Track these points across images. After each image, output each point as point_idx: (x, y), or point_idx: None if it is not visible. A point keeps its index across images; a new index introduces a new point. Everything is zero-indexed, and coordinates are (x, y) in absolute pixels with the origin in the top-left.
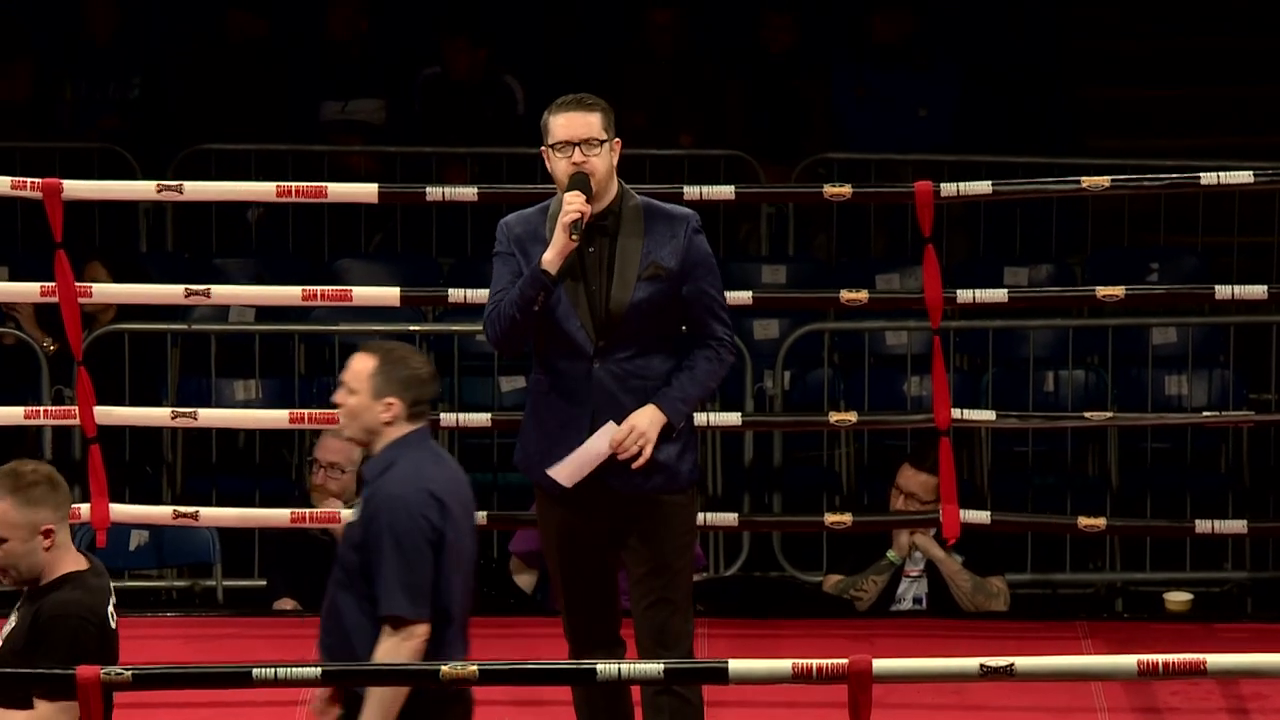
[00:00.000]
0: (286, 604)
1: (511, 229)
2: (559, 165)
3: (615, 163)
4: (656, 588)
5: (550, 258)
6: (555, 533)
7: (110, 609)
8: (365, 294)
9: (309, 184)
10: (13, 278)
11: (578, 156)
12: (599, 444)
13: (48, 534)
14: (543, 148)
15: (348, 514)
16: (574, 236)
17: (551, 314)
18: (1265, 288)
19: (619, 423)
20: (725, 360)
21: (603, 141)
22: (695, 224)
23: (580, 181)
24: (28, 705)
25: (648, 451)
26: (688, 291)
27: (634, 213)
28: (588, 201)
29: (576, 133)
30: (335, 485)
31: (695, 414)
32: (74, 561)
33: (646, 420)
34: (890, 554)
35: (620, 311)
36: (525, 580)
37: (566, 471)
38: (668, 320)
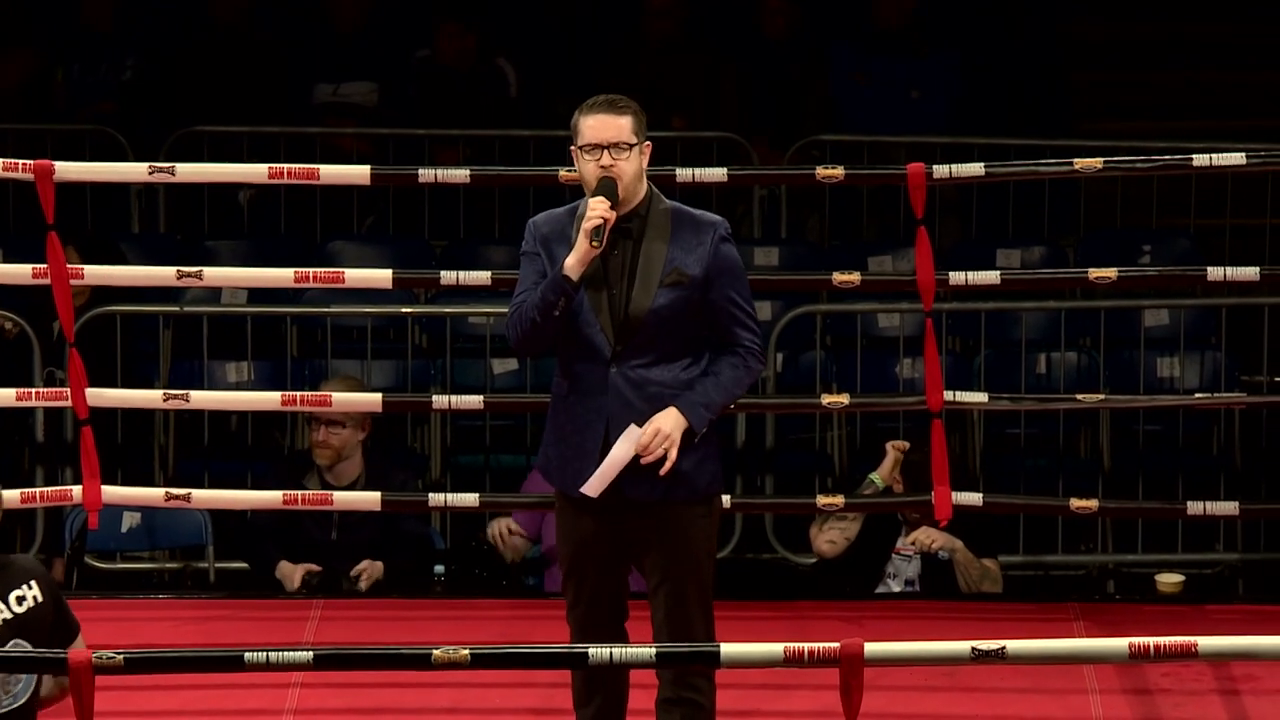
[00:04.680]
0: (297, 574)
1: (539, 229)
2: (587, 168)
3: (645, 165)
4: (674, 599)
5: (572, 263)
6: (572, 539)
7: None
8: (357, 276)
9: (301, 166)
10: (6, 260)
11: (606, 160)
12: (623, 449)
13: None
14: (572, 148)
15: (341, 497)
16: (595, 243)
17: (573, 317)
18: (1257, 269)
19: (638, 424)
20: (753, 369)
21: (632, 145)
22: (724, 231)
23: (607, 187)
24: None
25: (673, 455)
26: (714, 298)
27: (661, 217)
28: (613, 207)
29: (606, 136)
30: (337, 440)
31: None
32: None
33: (670, 423)
34: (873, 476)
35: (640, 316)
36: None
37: (594, 484)
38: (688, 328)
